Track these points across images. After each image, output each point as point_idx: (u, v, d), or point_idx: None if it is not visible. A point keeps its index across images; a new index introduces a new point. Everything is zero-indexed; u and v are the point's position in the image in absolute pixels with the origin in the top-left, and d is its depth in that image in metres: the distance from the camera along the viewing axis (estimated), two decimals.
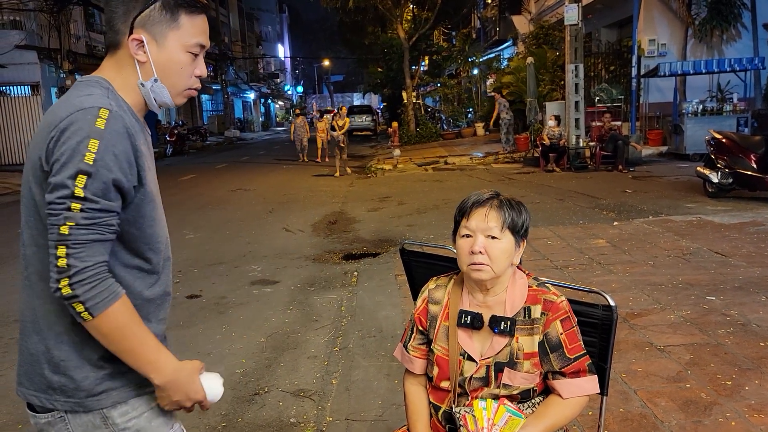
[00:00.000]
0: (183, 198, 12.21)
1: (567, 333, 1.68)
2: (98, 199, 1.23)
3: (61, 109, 1.28)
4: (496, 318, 1.70)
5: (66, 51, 18.59)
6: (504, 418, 1.57)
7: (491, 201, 1.71)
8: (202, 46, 1.42)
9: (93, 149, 1.22)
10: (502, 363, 1.68)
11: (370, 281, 5.66)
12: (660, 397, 3.13)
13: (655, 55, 15.80)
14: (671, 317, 4.24)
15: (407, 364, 1.86)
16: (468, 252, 1.68)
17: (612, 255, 5.97)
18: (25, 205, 1.34)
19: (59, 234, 1.21)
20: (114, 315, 1.25)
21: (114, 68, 1.38)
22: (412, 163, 17.07)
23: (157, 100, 1.39)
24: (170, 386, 1.34)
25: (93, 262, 1.23)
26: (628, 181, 11.25)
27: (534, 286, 1.74)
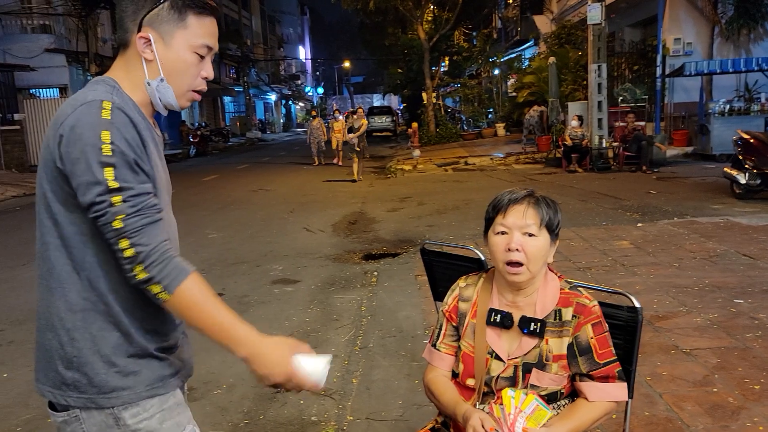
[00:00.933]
0: (206, 198, 12.33)
1: (598, 338, 1.66)
2: (132, 185, 1.25)
3: (67, 106, 1.30)
4: (526, 319, 1.68)
5: (93, 54, 18.92)
6: (531, 405, 1.56)
7: (528, 198, 1.69)
8: (209, 48, 1.42)
9: (107, 140, 1.23)
10: (530, 364, 1.66)
11: (390, 281, 5.66)
12: (686, 401, 3.08)
13: (681, 55, 15.56)
14: (697, 320, 4.17)
15: (437, 362, 1.83)
16: (504, 249, 1.66)
17: (636, 257, 5.89)
18: (38, 203, 1.35)
19: (115, 230, 1.23)
20: (189, 290, 1.27)
21: (123, 68, 1.40)
22: (431, 163, 17.03)
23: (162, 101, 1.40)
24: (254, 358, 1.31)
25: (156, 242, 1.25)
26: (653, 182, 11.10)
27: (566, 289, 1.72)
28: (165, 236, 1.29)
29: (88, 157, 1.22)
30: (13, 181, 16.00)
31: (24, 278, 6.45)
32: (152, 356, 1.38)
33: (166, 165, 1.49)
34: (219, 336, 1.31)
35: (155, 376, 1.37)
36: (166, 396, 1.39)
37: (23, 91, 19.58)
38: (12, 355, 4.34)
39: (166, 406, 1.39)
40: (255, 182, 14.72)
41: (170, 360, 1.43)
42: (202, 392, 3.62)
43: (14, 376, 3.96)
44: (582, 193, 10.31)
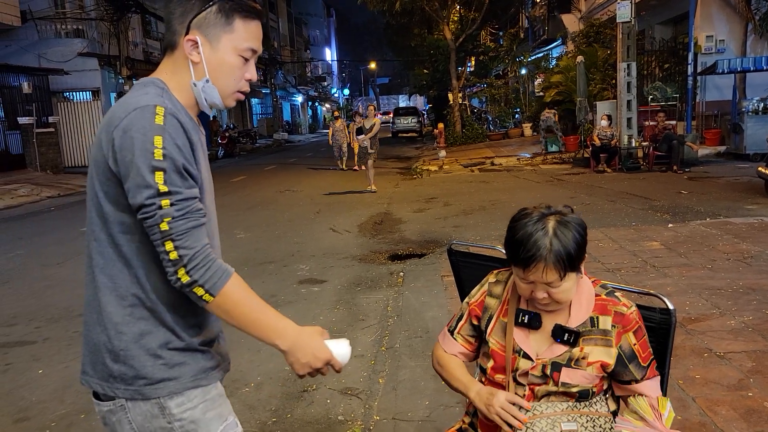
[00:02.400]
0: (234, 199, 12.47)
1: (640, 343, 1.65)
2: (180, 189, 1.29)
3: (120, 109, 1.33)
4: (561, 328, 1.65)
5: (124, 58, 19.29)
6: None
7: (547, 254, 1.53)
8: (254, 51, 1.45)
9: (159, 144, 1.27)
10: (560, 364, 1.64)
11: (416, 282, 5.66)
12: (720, 405, 3.02)
13: (713, 52, 15.23)
14: (731, 323, 4.08)
15: (449, 347, 1.82)
16: (528, 294, 1.63)
17: (667, 258, 5.78)
18: (89, 201, 1.40)
19: (161, 232, 1.27)
20: (231, 291, 1.33)
21: (170, 69, 1.44)
22: (457, 164, 16.97)
23: (207, 101, 1.44)
24: (296, 348, 1.41)
25: (200, 246, 1.30)
26: (684, 182, 10.89)
27: (603, 295, 1.67)
28: (207, 240, 1.33)
29: (141, 160, 1.26)
30: (48, 182, 16.41)
31: (59, 277, 6.61)
32: (196, 350, 1.44)
33: (208, 163, 1.53)
34: (259, 332, 1.38)
35: (199, 368, 1.43)
36: (208, 387, 1.44)
37: (57, 95, 20.08)
38: (48, 352, 4.45)
39: (209, 397, 1.44)
40: (282, 183, 14.84)
41: (212, 353, 1.48)
42: (230, 390, 3.66)
43: (50, 372, 4.07)
44: (611, 193, 10.16)
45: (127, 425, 1.41)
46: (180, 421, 1.41)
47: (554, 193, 10.50)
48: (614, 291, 1.71)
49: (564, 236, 1.55)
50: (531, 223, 1.58)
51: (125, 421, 1.41)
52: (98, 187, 1.36)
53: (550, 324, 1.67)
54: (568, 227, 1.56)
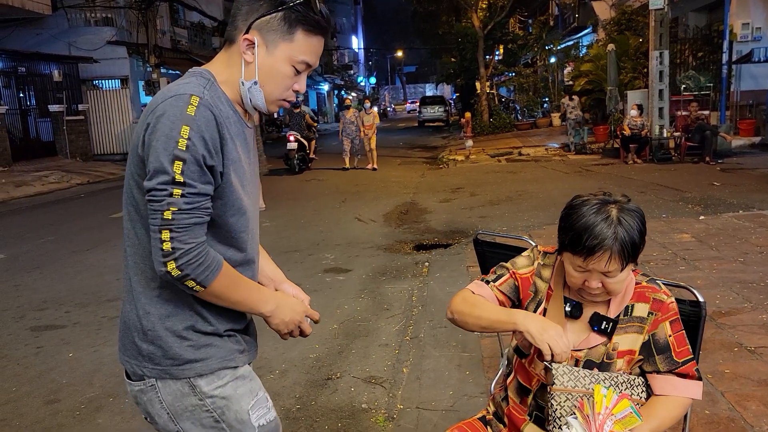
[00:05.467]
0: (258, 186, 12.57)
1: (676, 335, 1.60)
2: (195, 183, 1.30)
3: (160, 95, 1.36)
4: (598, 316, 1.61)
5: (152, 46, 19.49)
6: (624, 412, 1.48)
7: (613, 243, 1.48)
8: (309, 65, 1.45)
9: (185, 135, 1.28)
10: (593, 362, 1.61)
11: (442, 272, 5.63)
12: (750, 400, 2.95)
13: (749, 40, 14.77)
14: (763, 317, 3.98)
15: (482, 292, 1.72)
16: (581, 282, 1.58)
17: (698, 250, 5.66)
18: (125, 185, 1.43)
19: (162, 219, 1.28)
20: (221, 281, 1.36)
21: (224, 62, 1.44)
22: (484, 154, 16.83)
23: (251, 102, 1.43)
24: (277, 310, 1.49)
25: (195, 242, 1.31)
26: (716, 174, 10.63)
27: (644, 283, 1.64)
28: (204, 237, 1.34)
29: (163, 147, 1.28)
30: (78, 169, 16.74)
31: (89, 263, 6.75)
32: (222, 335, 1.46)
33: (256, 157, 1.55)
34: (247, 308, 1.46)
35: (227, 350, 1.46)
36: (237, 368, 1.48)
37: (87, 83, 20.37)
38: (77, 336, 4.55)
39: (239, 374, 1.48)
40: (307, 172, 14.89)
41: (239, 338, 1.51)
42: None
43: (79, 356, 4.16)
44: (641, 184, 9.98)
45: (158, 404, 1.44)
46: (212, 398, 1.44)
47: (583, 184, 10.35)
48: (655, 279, 1.67)
49: (629, 225, 1.51)
50: (593, 211, 1.52)
51: (156, 400, 1.44)
52: (133, 170, 1.38)
53: (589, 313, 1.64)
54: (631, 216, 1.53)
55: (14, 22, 17.67)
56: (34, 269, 6.59)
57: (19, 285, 6.00)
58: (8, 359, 4.16)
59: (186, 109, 1.29)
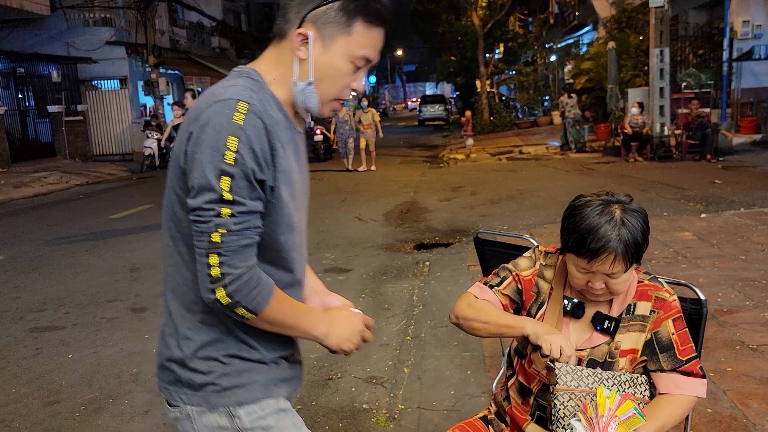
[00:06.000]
0: None
1: (679, 333, 1.58)
2: (245, 200, 1.17)
3: (203, 100, 1.22)
4: (601, 315, 1.60)
5: (151, 46, 19.47)
6: (628, 413, 1.46)
7: (617, 245, 1.46)
8: (368, 61, 1.31)
9: (233, 147, 1.15)
10: (596, 362, 1.60)
11: (443, 271, 5.62)
12: (752, 398, 2.94)
13: (749, 38, 14.76)
14: (765, 315, 3.96)
15: (484, 295, 1.70)
16: (584, 283, 1.56)
17: (699, 248, 5.64)
18: (166, 198, 1.30)
19: (210, 242, 1.16)
20: (273, 306, 1.24)
21: (273, 60, 1.31)
22: (485, 152, 16.81)
23: (304, 104, 1.29)
24: (333, 329, 1.36)
25: (245, 266, 1.19)
26: (717, 172, 10.61)
27: (646, 281, 1.62)
28: (255, 259, 1.22)
29: (209, 160, 1.15)
30: (76, 170, 16.73)
31: (88, 264, 6.74)
32: (267, 363, 1.34)
33: (306, 165, 1.41)
34: (298, 333, 1.34)
35: (271, 378, 1.34)
36: (281, 399, 1.36)
37: (86, 83, 20.35)
38: (76, 337, 4.53)
39: (283, 406, 1.36)
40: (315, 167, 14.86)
41: (285, 366, 1.39)
42: None
43: (79, 358, 4.15)
44: (642, 182, 9.96)
45: None
46: (251, 430, 1.31)
47: (584, 183, 10.33)
48: (657, 277, 1.65)
49: (632, 226, 1.49)
50: (596, 212, 1.50)
51: (191, 430, 1.32)
52: (173, 186, 1.26)
53: (591, 312, 1.63)
54: (634, 216, 1.51)
55: (13, 23, 17.65)
56: (33, 270, 6.57)
57: (18, 286, 5.99)
58: (7, 360, 4.15)
59: (233, 117, 1.16)
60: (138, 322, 4.77)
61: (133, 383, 3.69)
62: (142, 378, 3.75)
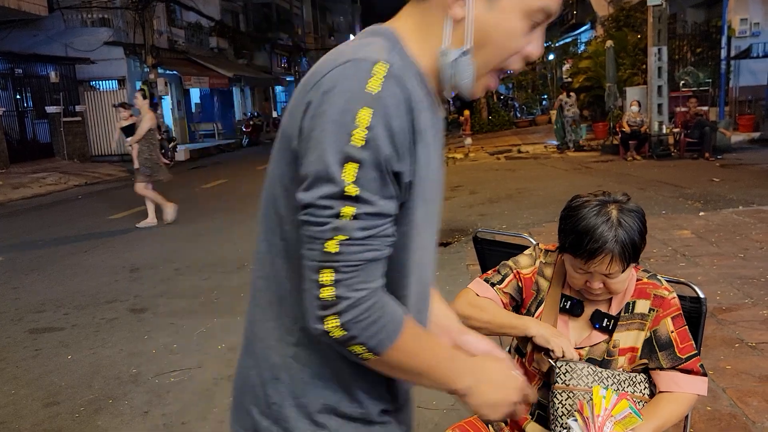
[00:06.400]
0: (259, 187, 12.55)
1: (678, 331, 1.58)
2: (375, 199, 0.86)
3: (327, 61, 0.92)
4: (600, 314, 1.61)
5: (149, 46, 19.47)
6: (623, 413, 1.47)
7: (614, 246, 1.46)
8: (548, 15, 0.96)
9: (364, 122, 0.84)
10: (595, 360, 1.60)
11: (441, 271, 5.62)
12: (752, 396, 2.94)
13: (747, 36, 14.78)
14: (764, 313, 3.97)
15: (484, 292, 1.70)
16: (582, 283, 1.57)
17: (698, 247, 5.65)
18: (266, 192, 1.01)
19: (324, 252, 0.85)
20: (402, 346, 0.91)
21: (415, 19, 0.98)
22: (483, 151, 16.82)
23: (453, 78, 0.95)
24: (480, 386, 1.01)
25: (368, 289, 0.87)
26: (716, 170, 10.62)
27: (644, 279, 1.63)
28: (381, 281, 0.90)
29: (330, 139, 0.85)
30: (75, 170, 16.72)
31: (87, 264, 6.73)
32: (373, 421, 1.01)
33: (441, 160, 1.05)
34: (433, 380, 0.98)
35: None
36: None
37: (84, 84, 20.35)
38: (76, 338, 4.53)
39: None
40: None
41: (393, 424, 1.05)
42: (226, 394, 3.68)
43: (78, 358, 4.14)
44: (640, 181, 9.97)
45: None
46: None
47: (582, 181, 10.34)
48: (656, 275, 1.66)
49: (629, 226, 1.49)
50: (592, 213, 1.50)
51: None
52: (278, 176, 0.97)
53: (590, 311, 1.63)
54: (631, 216, 1.51)
55: (10, 24, 17.64)
56: (32, 271, 6.57)
57: (18, 287, 5.98)
58: (7, 362, 4.15)
59: (367, 83, 0.85)
60: (138, 323, 4.77)
61: (132, 384, 3.69)
62: (141, 378, 3.75)
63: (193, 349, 4.16)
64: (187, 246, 7.39)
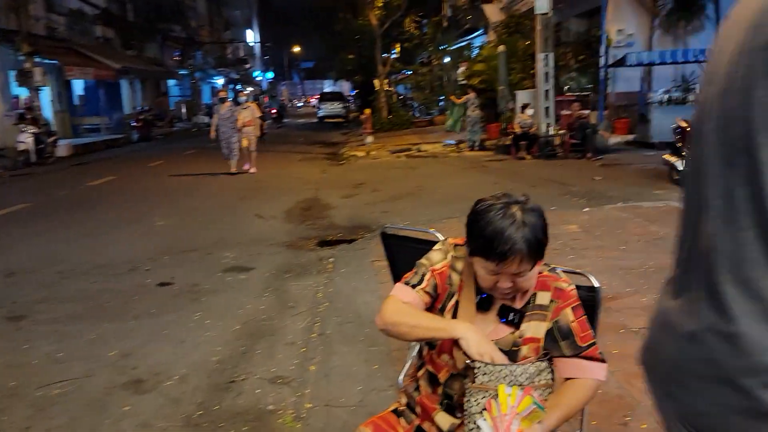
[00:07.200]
0: (152, 184, 11.97)
1: (578, 321, 1.65)
2: None
3: None
4: (506, 308, 1.65)
5: (25, 33, 17.93)
6: (528, 409, 1.51)
7: (523, 246, 1.49)
8: None
9: None
10: (502, 351, 1.64)
11: (347, 267, 5.62)
12: (637, 378, 3.17)
13: (623, 45, 15.97)
14: (644, 300, 4.30)
15: (407, 298, 1.70)
16: (492, 284, 1.59)
17: (584, 240, 6.03)
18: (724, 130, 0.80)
19: None
20: None
21: None
22: (385, 150, 17.02)
23: None
24: None
25: None
26: (597, 169, 11.40)
27: (545, 272, 1.69)
28: None
29: None
30: None
31: None
32: None
33: None
34: None
35: None
36: None
37: None
38: None
39: None
40: (203, 168, 14.33)
41: None
42: (152, 384, 3.50)
43: None
44: (531, 179, 10.50)
45: None
46: None
47: (479, 179, 10.73)
48: (555, 268, 1.73)
49: (534, 225, 1.53)
50: (499, 216, 1.53)
51: None
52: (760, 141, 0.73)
53: (497, 305, 1.68)
54: (534, 215, 1.55)
55: None
56: None
57: None
58: None
59: None
60: (15, 332, 4.37)
61: (11, 398, 3.37)
62: (21, 392, 3.44)
63: (81, 357, 3.88)
64: (71, 247, 6.89)
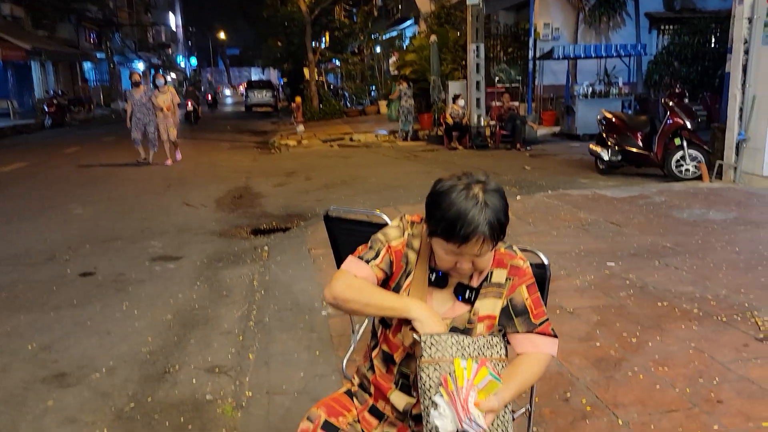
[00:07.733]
0: (68, 171, 11.32)
1: (533, 298, 1.65)
2: None
3: None
4: (462, 286, 1.63)
5: None
6: (485, 380, 1.50)
7: (485, 228, 1.47)
8: None
9: None
10: (457, 329, 1.62)
11: (283, 255, 5.48)
12: (574, 356, 3.26)
13: (550, 39, 16.49)
14: (577, 282, 4.44)
15: (361, 272, 1.63)
16: (451, 265, 1.56)
17: (518, 226, 6.16)
18: None
19: None
20: None
21: None
22: (316, 139, 16.82)
23: None
24: None
25: None
26: (527, 159, 11.71)
27: (501, 249, 1.67)
28: None
29: None
30: None
31: None
32: None
33: None
34: None
35: None
36: None
37: None
38: None
39: None
40: (124, 155, 13.64)
41: None
42: (77, 377, 3.28)
43: None
44: (463, 168, 10.43)
45: None
46: None
47: (412, 168, 10.78)
48: (512, 245, 1.71)
49: (495, 206, 1.50)
50: (461, 197, 1.49)
51: None
52: None
53: (453, 282, 1.65)
54: (495, 196, 1.52)
55: None
56: None
57: None
58: None
59: None
60: None
61: None
62: None
63: None
64: None
